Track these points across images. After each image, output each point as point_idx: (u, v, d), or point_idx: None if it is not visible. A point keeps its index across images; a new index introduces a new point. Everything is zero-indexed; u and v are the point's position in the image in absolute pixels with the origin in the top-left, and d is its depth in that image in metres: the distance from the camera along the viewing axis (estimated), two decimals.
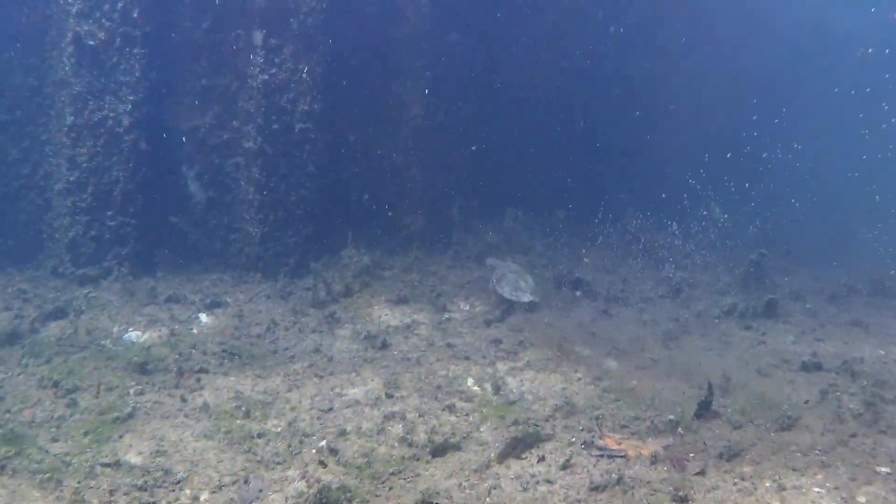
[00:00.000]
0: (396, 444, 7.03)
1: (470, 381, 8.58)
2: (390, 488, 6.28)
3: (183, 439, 7.11)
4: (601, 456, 6.68)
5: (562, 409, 7.75)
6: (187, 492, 6.21)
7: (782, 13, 17.24)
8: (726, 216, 14.79)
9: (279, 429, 7.36)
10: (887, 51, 17.65)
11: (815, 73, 17.92)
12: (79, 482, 6.26)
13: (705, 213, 14.37)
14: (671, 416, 7.39)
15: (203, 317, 10.72)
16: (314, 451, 6.90)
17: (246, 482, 6.31)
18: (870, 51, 16.49)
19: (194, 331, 10.26)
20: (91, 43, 11.69)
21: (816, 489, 6.14)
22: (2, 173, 12.49)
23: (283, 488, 6.20)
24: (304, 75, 12.25)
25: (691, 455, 6.67)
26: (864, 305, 12.76)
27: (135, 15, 11.75)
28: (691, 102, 16.20)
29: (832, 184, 17.93)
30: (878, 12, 18.78)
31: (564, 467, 6.52)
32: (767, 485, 6.20)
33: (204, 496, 6.16)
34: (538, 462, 6.64)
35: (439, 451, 6.82)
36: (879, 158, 17.59)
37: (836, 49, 18.33)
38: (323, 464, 6.65)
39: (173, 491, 6.22)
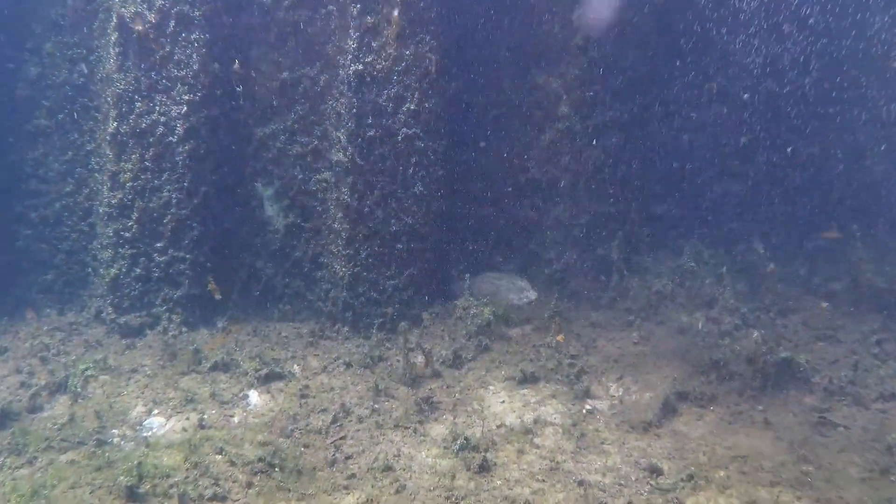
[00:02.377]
0: None
1: None
2: None
3: None
4: None
5: None
6: None
7: None
8: None
9: None
10: None
11: None
12: None
13: None
14: None
15: (254, 396, 8.09)
16: None
17: None
18: None
19: (234, 418, 7.65)
20: (138, 28, 9.27)
21: None
22: (42, 192, 10.40)
23: None
24: (411, 63, 9.36)
25: None
26: None
27: None
28: None
29: None
30: None
31: None
32: None
33: None
34: None
35: None
36: None
37: None
38: None
39: None
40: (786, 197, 11.02)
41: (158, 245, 9.60)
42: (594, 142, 10.04)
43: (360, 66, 9.29)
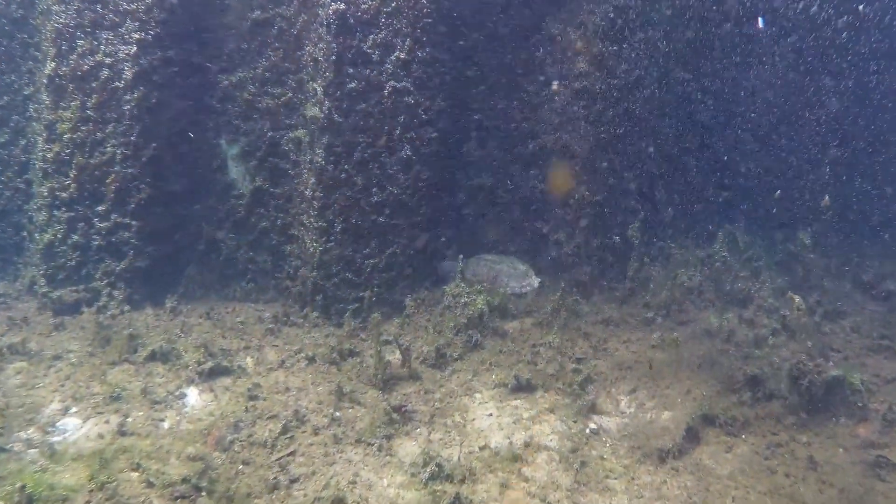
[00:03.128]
0: None
1: None
2: None
3: None
4: None
5: None
6: None
7: None
8: None
9: None
10: None
11: None
12: None
13: None
14: None
15: (192, 394, 6.84)
16: None
17: None
18: None
19: (165, 423, 6.38)
20: None
21: None
22: None
23: None
24: (403, 3, 7.97)
25: None
26: None
27: None
28: None
29: None
30: None
31: None
32: None
33: None
34: None
35: None
36: None
37: None
38: None
39: None
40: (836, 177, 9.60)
41: (100, 208, 8.32)
42: (617, 105, 8.61)
43: (342, 6, 7.89)
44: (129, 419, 6.39)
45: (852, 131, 9.85)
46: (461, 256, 8.49)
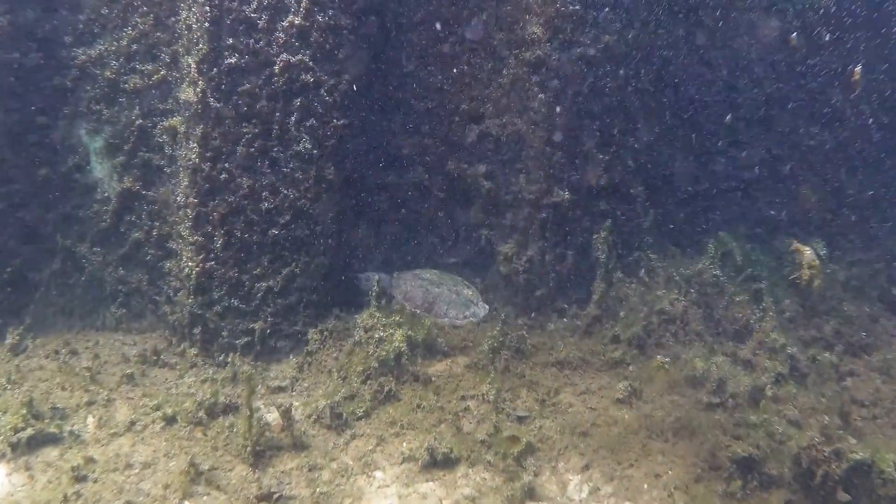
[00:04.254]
0: None
1: None
2: None
3: None
4: None
5: None
6: None
7: None
8: None
9: None
10: None
11: None
12: None
13: None
14: None
15: None
16: None
17: None
18: None
19: None
20: None
21: None
22: None
23: None
24: None
25: None
26: None
27: None
28: None
29: None
30: None
31: None
32: None
33: None
34: None
35: None
36: None
37: None
38: None
39: None
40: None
41: None
42: (580, 80, 6.83)
43: None
44: None
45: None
46: (376, 276, 6.79)
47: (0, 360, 6.63)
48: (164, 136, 6.91)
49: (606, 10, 6.77)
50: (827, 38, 7.79)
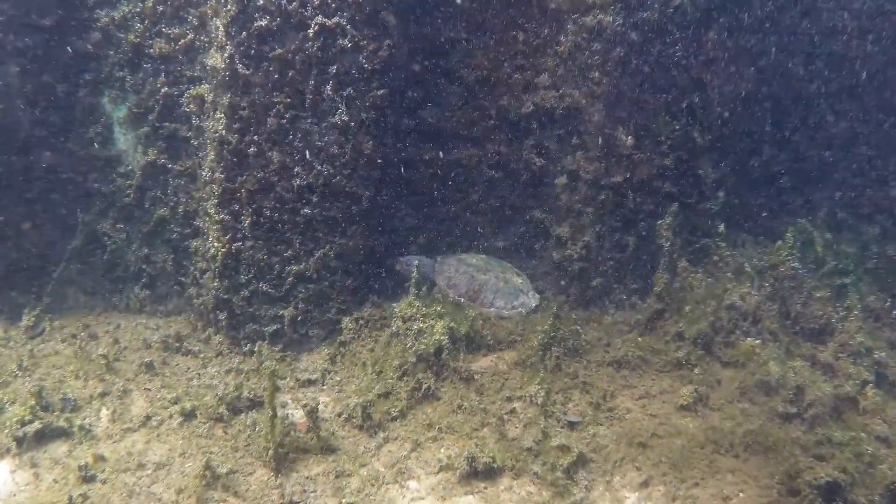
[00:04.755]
0: None
1: None
2: None
3: None
4: None
5: None
6: None
7: None
8: None
9: None
10: None
11: None
12: None
13: None
14: None
15: (2, 472, 4.86)
16: None
17: None
18: None
19: None
20: None
21: None
22: None
23: None
24: None
25: None
26: None
27: None
28: None
29: None
30: None
31: None
32: None
33: None
34: None
35: None
36: None
37: None
38: None
39: None
40: None
41: None
42: (644, 49, 6.18)
43: None
44: None
45: None
46: (417, 261, 6.27)
47: (14, 343, 6.28)
48: (191, 106, 6.44)
49: None
50: None
